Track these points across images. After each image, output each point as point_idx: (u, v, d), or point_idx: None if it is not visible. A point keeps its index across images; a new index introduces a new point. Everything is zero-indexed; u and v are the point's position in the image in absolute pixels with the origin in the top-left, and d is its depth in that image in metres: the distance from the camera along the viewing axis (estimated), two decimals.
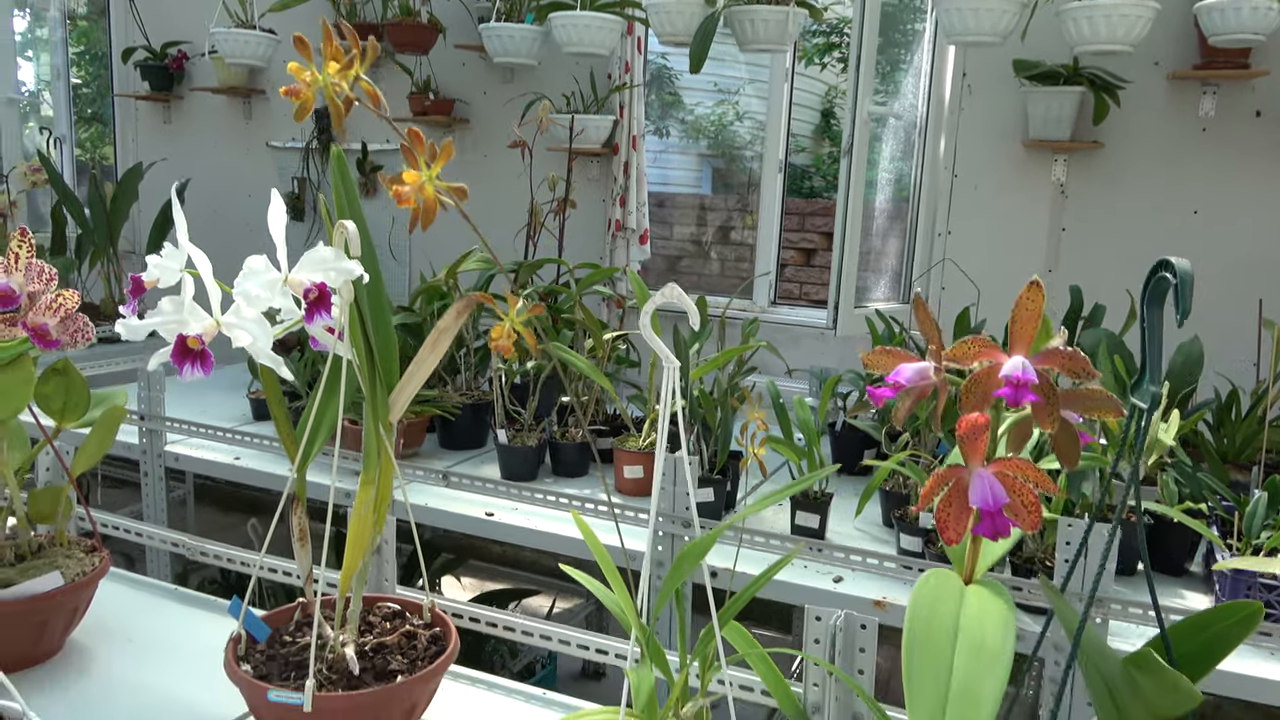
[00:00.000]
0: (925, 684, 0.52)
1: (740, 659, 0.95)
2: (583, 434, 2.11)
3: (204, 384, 2.80)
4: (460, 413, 2.23)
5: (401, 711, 1.02)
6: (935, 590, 0.58)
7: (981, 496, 0.52)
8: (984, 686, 0.52)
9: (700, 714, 0.92)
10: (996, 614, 0.56)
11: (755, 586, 0.92)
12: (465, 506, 1.91)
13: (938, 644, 0.54)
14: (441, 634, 1.12)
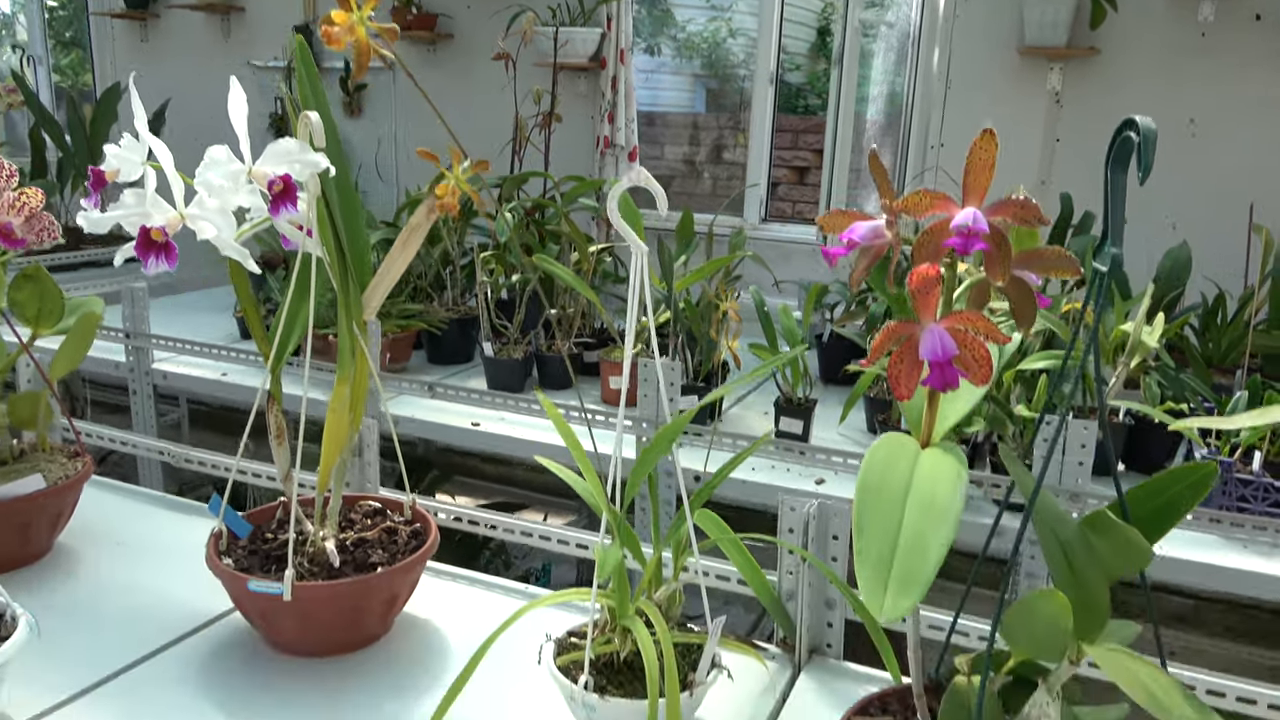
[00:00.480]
0: (874, 537, 0.53)
1: (712, 546, 0.96)
2: (568, 347, 2.11)
3: (190, 305, 2.79)
4: (447, 328, 2.23)
5: (382, 601, 1.04)
6: (890, 451, 0.59)
7: (931, 349, 0.52)
8: (932, 539, 0.52)
9: (673, 597, 0.93)
10: (948, 472, 0.56)
11: (729, 468, 0.93)
12: (451, 417, 1.92)
13: (889, 500, 0.55)
14: (422, 529, 1.13)
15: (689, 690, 0.86)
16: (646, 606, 0.86)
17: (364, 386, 1.10)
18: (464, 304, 2.35)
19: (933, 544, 0.51)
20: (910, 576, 0.50)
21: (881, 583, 0.50)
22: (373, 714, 0.94)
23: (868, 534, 0.53)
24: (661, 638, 0.82)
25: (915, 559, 0.51)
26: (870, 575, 0.50)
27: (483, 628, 0.89)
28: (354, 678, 1.00)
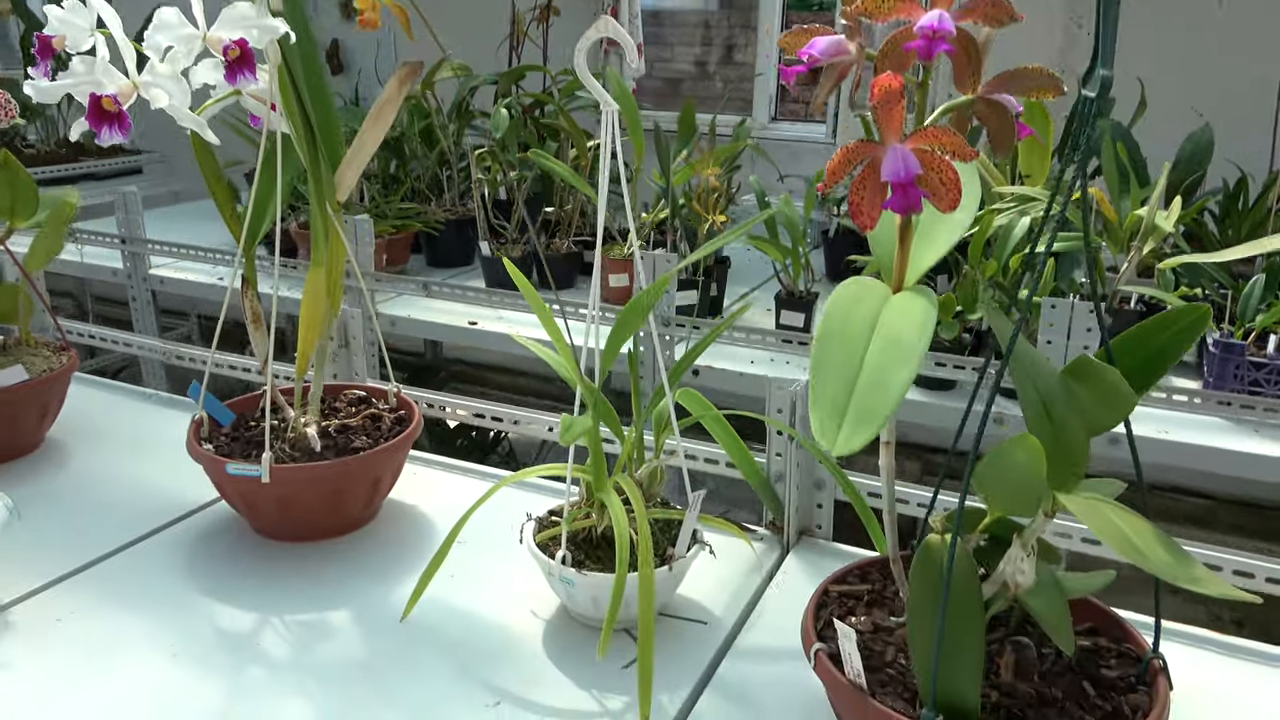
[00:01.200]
0: (831, 376, 0.50)
1: (695, 425, 0.94)
2: (567, 245, 2.08)
3: (188, 214, 2.77)
4: (444, 229, 2.19)
5: (365, 485, 1.03)
6: (857, 292, 0.55)
7: (893, 169, 0.48)
8: (894, 377, 0.49)
9: (654, 475, 0.91)
10: (917, 311, 0.53)
11: (710, 338, 0.90)
12: (448, 317, 1.90)
13: (851, 338, 0.52)
14: (406, 416, 1.12)
15: (668, 565, 0.85)
16: (623, 481, 0.85)
17: (340, 270, 1.08)
18: (462, 206, 2.30)
19: (895, 380, 0.48)
20: (868, 412, 0.47)
21: (837, 418, 0.47)
22: (356, 597, 0.95)
23: (825, 374, 0.50)
24: (638, 512, 0.80)
25: (875, 395, 0.48)
26: (826, 413, 0.47)
27: (475, 513, 0.88)
28: (337, 562, 1.00)
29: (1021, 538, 0.61)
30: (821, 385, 0.49)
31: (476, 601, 0.93)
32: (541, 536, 0.89)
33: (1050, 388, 0.59)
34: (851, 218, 0.49)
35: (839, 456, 0.46)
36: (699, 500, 0.87)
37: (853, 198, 0.50)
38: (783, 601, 0.94)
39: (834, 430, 0.47)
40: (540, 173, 2.18)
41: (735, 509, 2.41)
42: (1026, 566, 0.59)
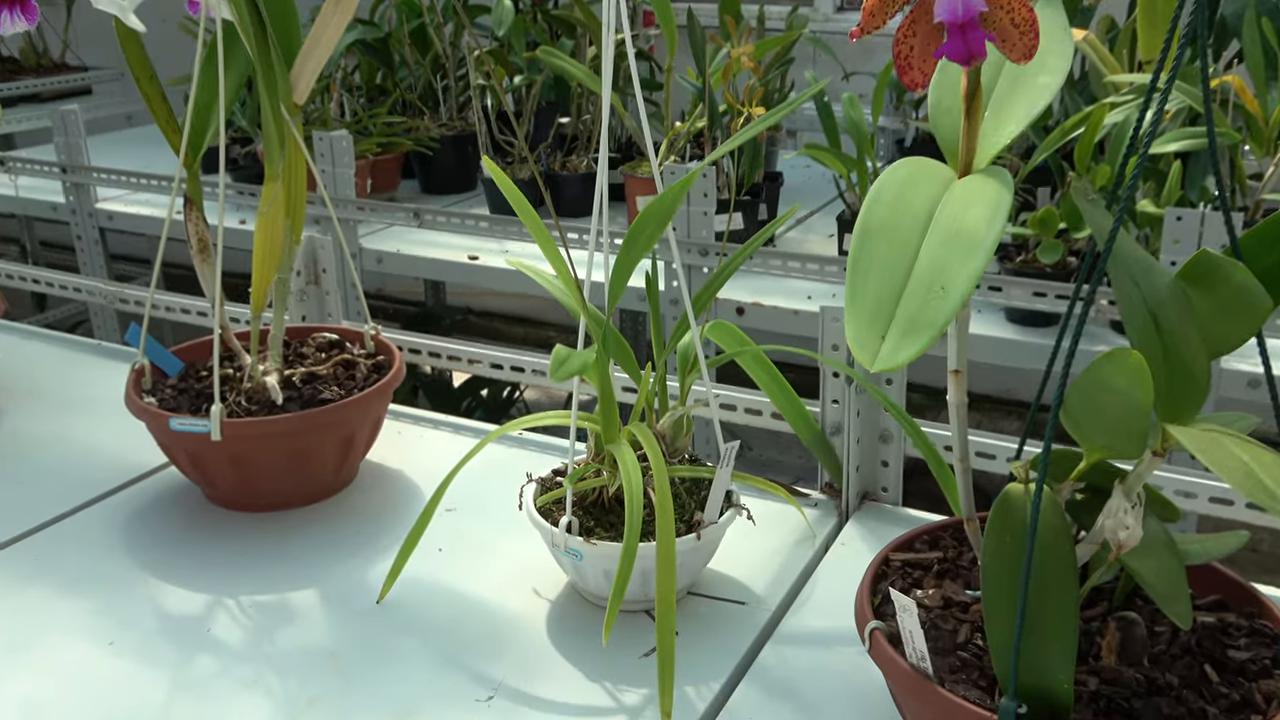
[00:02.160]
0: (875, 275, 0.47)
1: (731, 367, 0.91)
2: (586, 163, 2.05)
3: (143, 139, 2.77)
4: (440, 147, 2.18)
5: (336, 443, 1.02)
6: (910, 174, 0.52)
7: (949, 6, 0.44)
8: (955, 275, 0.46)
9: (679, 425, 0.89)
10: (986, 196, 0.50)
11: (739, 258, 0.87)
12: (444, 251, 1.89)
13: (902, 230, 0.48)
14: (385, 363, 1.11)
15: (694, 532, 0.83)
16: (639, 431, 0.83)
17: (301, 186, 1.06)
18: (461, 120, 2.28)
19: (956, 279, 0.45)
20: (921, 319, 0.44)
21: (879, 326, 0.44)
22: (325, 575, 0.94)
23: (866, 274, 0.47)
24: (655, 467, 0.78)
25: (930, 298, 0.45)
26: (865, 321, 0.45)
27: (464, 476, 0.89)
28: (304, 534, 1.00)
29: (1124, 485, 0.58)
30: (861, 288, 0.46)
31: (468, 579, 0.93)
32: (544, 500, 0.88)
33: (1159, 291, 0.55)
34: (897, 74, 0.45)
35: (879, 372, 0.44)
36: (732, 454, 0.85)
37: (898, 47, 0.46)
38: (839, 577, 0.92)
39: (874, 342, 0.44)
40: (553, 77, 2.14)
41: (786, 474, 2.40)
42: (1131, 520, 0.56)
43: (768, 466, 2.60)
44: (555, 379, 0.72)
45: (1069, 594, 0.57)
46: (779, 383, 1.00)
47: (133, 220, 2.18)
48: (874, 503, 1.04)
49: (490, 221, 1.76)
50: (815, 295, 1.62)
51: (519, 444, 1.16)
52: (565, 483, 0.84)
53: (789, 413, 1.02)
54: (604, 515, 0.86)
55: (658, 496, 0.77)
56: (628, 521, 0.75)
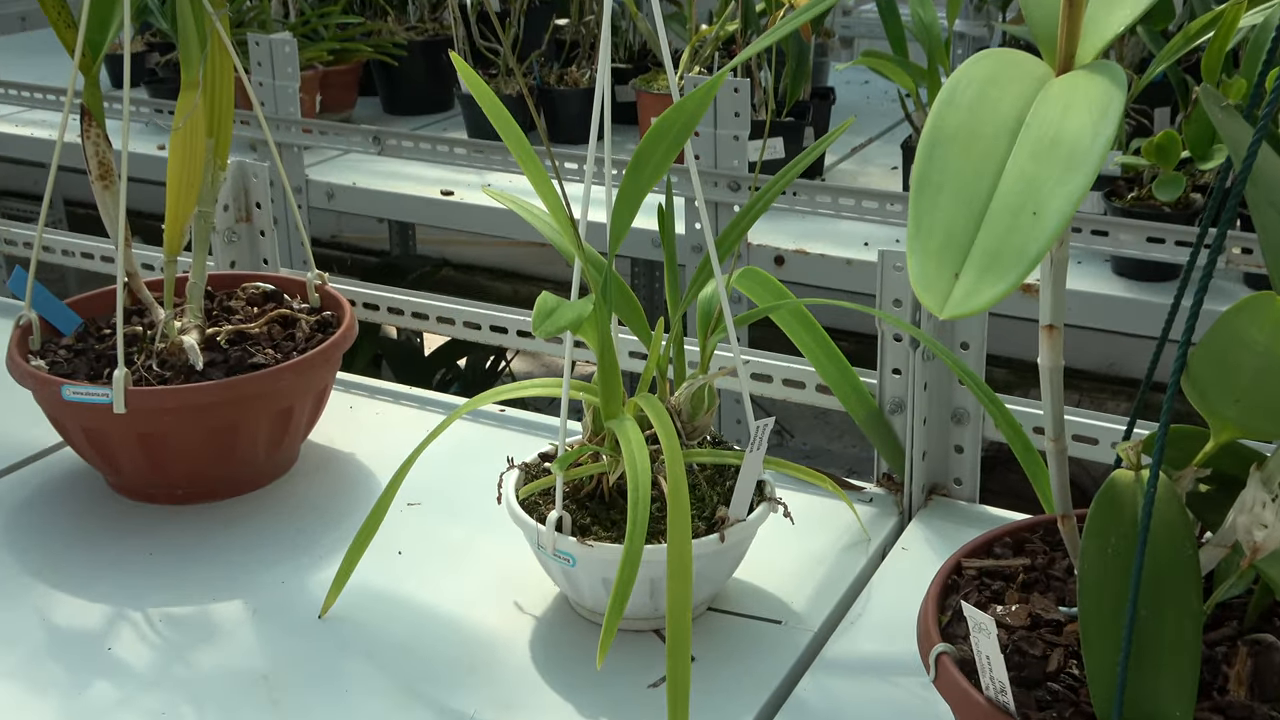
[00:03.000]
0: (946, 195, 0.45)
1: (764, 326, 0.90)
2: (589, 75, 2.03)
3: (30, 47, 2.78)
4: (407, 56, 2.16)
5: (270, 418, 1.02)
6: (993, 71, 0.50)
7: None
8: (1051, 196, 0.44)
9: (699, 399, 0.88)
10: (1092, 97, 0.48)
11: (785, 179, 0.86)
12: (412, 185, 1.89)
13: (982, 139, 0.47)
14: (333, 319, 1.11)
15: (716, 532, 0.82)
16: (647, 404, 0.81)
17: (227, 98, 1.05)
18: (434, 21, 2.26)
19: (1052, 200, 0.44)
20: (1005, 250, 0.43)
21: (952, 259, 0.43)
22: (257, 582, 0.94)
23: (935, 194, 0.45)
24: (667, 450, 0.77)
25: (1019, 225, 0.43)
26: (933, 252, 0.43)
27: (430, 462, 0.89)
28: (230, 532, 1.00)
29: (1262, 471, 0.56)
30: (928, 213, 0.44)
31: (433, 589, 0.93)
32: (529, 491, 0.88)
33: None
34: None
35: (951, 319, 0.42)
36: (765, 434, 0.83)
37: None
38: (899, 590, 0.92)
39: (945, 281, 0.42)
40: None
41: (836, 465, 2.39)
42: (1270, 516, 0.55)
43: (813, 458, 2.59)
44: (540, 334, 0.71)
45: (1189, 610, 0.56)
46: (826, 346, 0.99)
47: (26, 145, 2.18)
48: (944, 498, 1.03)
49: (469, 148, 1.75)
50: (874, 241, 1.60)
51: (498, 422, 1.16)
52: (554, 469, 0.83)
53: (838, 385, 1.01)
54: (603, 510, 0.86)
55: (670, 486, 0.76)
56: (630, 517, 0.74)
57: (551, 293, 0.77)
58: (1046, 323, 0.60)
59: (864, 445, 1.00)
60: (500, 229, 1.83)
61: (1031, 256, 0.43)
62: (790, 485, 1.00)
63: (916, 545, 0.97)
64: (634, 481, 0.75)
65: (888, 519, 1.01)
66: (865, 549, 0.97)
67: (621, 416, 0.82)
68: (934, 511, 1.02)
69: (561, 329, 0.72)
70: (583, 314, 0.73)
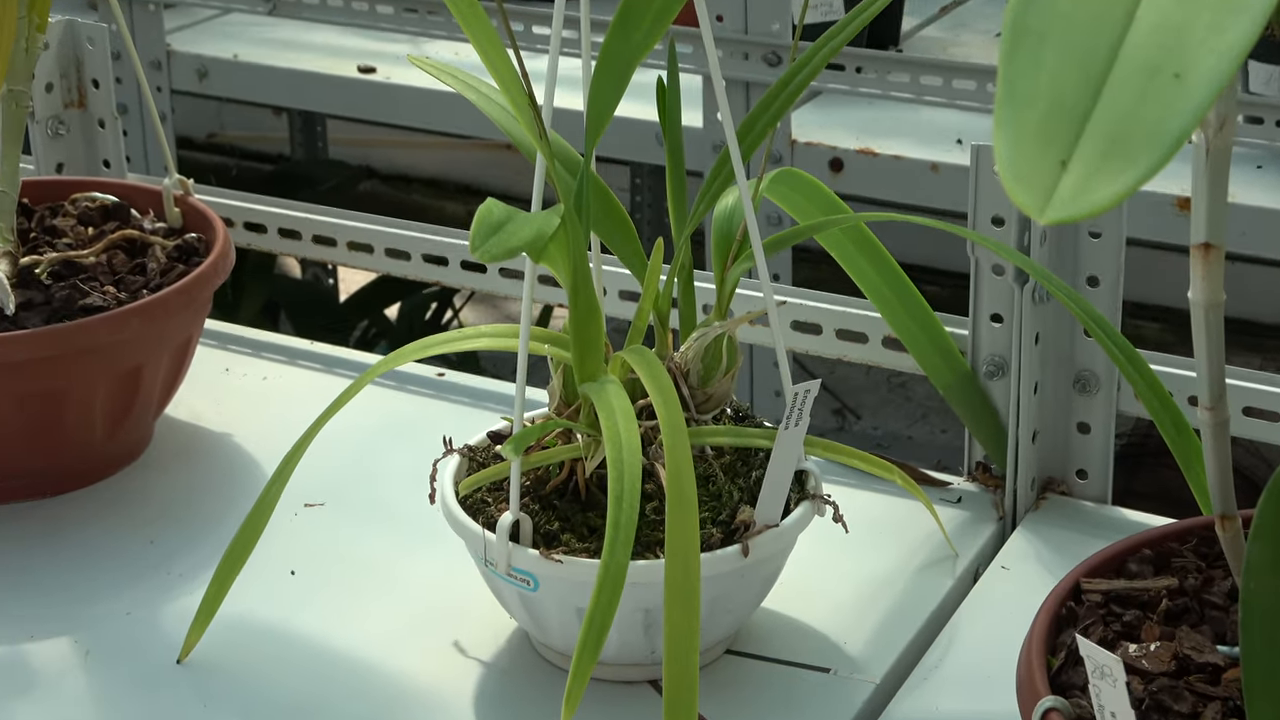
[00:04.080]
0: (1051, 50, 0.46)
1: (805, 249, 0.90)
2: None
3: None
4: None
5: (112, 380, 1.04)
6: None
7: None
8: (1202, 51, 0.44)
9: (714, 355, 0.88)
10: None
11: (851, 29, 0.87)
12: (318, 59, 1.90)
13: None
14: (201, 244, 1.12)
15: (739, 541, 0.82)
16: (641, 362, 0.81)
17: None
18: None
19: (1203, 54, 0.43)
20: (1136, 124, 0.43)
21: (1059, 138, 0.43)
22: (86, 611, 0.95)
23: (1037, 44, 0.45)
24: (667, 426, 0.77)
25: (1157, 89, 0.43)
26: (1033, 125, 0.43)
27: (336, 446, 0.92)
28: (53, 543, 1.01)
29: None
30: (1025, 72, 0.44)
31: (339, 624, 0.94)
32: (473, 484, 0.88)
33: None
34: None
35: (1056, 224, 0.42)
36: (807, 403, 0.83)
37: None
38: (994, 623, 0.92)
39: (1048, 166, 0.42)
40: None
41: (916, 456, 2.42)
42: None
43: (887, 448, 2.60)
44: (483, 255, 0.70)
45: None
46: (896, 284, 0.99)
47: None
48: (1062, 497, 1.04)
49: (397, 5, 1.75)
50: (969, 136, 1.59)
51: (434, 390, 1.17)
52: (507, 452, 0.83)
53: (914, 337, 1.02)
54: (577, 512, 0.86)
55: (670, 477, 0.76)
56: (612, 519, 0.73)
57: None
58: (1200, 240, 0.60)
59: (958, 429, 1.01)
60: (443, 120, 1.83)
61: (1173, 135, 0.42)
62: (846, 479, 1.01)
63: (1022, 562, 0.98)
64: (618, 470, 0.75)
65: (982, 527, 1.02)
66: (950, 568, 0.98)
67: (603, 379, 0.82)
68: (1047, 516, 1.02)
69: (513, 251, 0.71)
70: (544, 230, 0.73)
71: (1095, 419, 1.03)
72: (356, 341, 2.59)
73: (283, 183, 2.87)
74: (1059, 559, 0.97)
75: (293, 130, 2.92)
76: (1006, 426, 1.02)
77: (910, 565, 0.98)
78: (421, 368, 1.18)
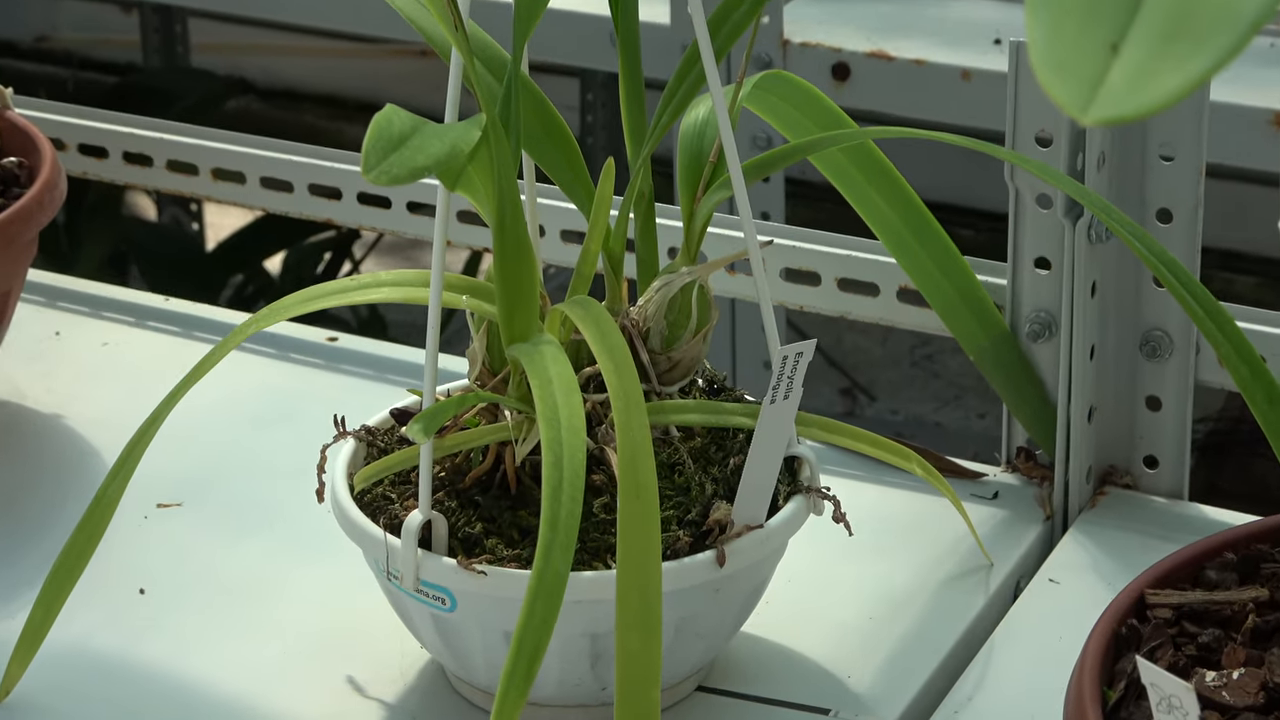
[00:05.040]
0: None
1: (786, 165, 0.91)
2: None
3: None
4: None
5: None
6: None
7: None
8: None
9: (682, 310, 0.89)
10: None
11: None
12: None
13: None
14: (22, 171, 1.13)
15: (713, 547, 0.83)
16: (585, 317, 0.82)
17: None
18: None
19: None
20: (1202, 6, 0.43)
21: (1108, 15, 0.43)
22: None
23: None
24: (618, 398, 0.77)
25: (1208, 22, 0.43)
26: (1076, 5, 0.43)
27: (199, 430, 0.94)
28: None
29: None
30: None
31: (202, 656, 0.94)
32: (373, 476, 0.88)
33: None
34: None
35: (1102, 125, 0.42)
36: (799, 369, 0.84)
37: None
38: (1039, 647, 0.93)
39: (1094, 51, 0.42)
40: None
41: (946, 445, 2.44)
42: None
43: (909, 436, 2.61)
44: (378, 176, 0.70)
45: None
46: (916, 219, 1.00)
47: None
48: (1125, 490, 1.05)
49: None
50: (1010, 33, 1.60)
51: (324, 358, 1.18)
52: (414, 434, 0.83)
53: (938, 289, 1.02)
54: (506, 510, 0.86)
55: (622, 465, 0.76)
56: (546, 518, 0.73)
57: None
58: None
59: (1001, 412, 1.02)
60: (336, 18, 1.84)
61: (1249, 17, 0.43)
62: (850, 468, 1.02)
63: (1074, 574, 0.98)
64: (556, 455, 0.75)
65: (1025, 529, 1.03)
66: (983, 582, 0.98)
67: (538, 340, 0.82)
68: (1106, 515, 1.03)
69: (418, 173, 0.71)
70: (460, 146, 0.73)
71: (1167, 391, 1.03)
72: (229, 301, 2.58)
73: (132, 97, 2.86)
74: (1120, 568, 0.97)
75: (145, 32, 2.91)
76: (1055, 401, 1.02)
77: (932, 578, 0.99)
78: (307, 329, 1.18)
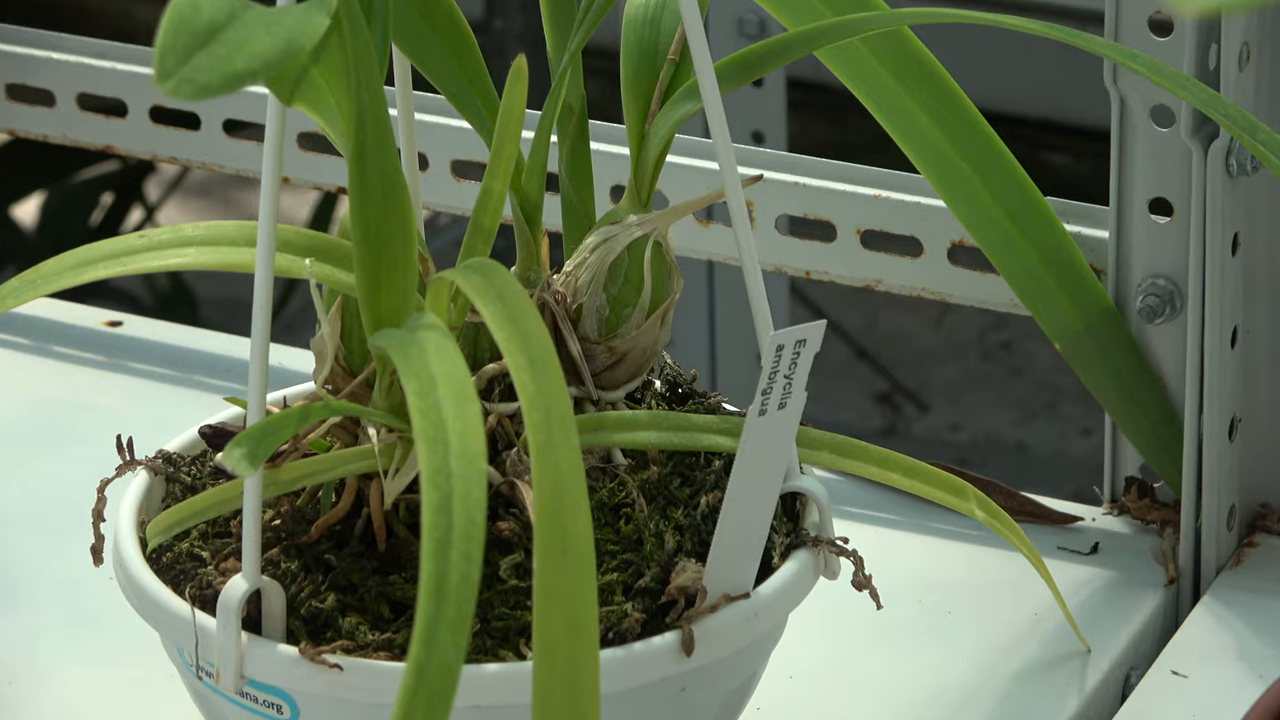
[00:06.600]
0: None
1: (777, 65, 0.93)
2: None
3: None
4: None
5: None
6: None
7: None
8: None
9: (631, 278, 0.90)
10: None
11: None
12: None
13: None
14: None
15: (676, 627, 0.84)
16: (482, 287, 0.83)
17: None
18: None
19: None
20: None
21: None
22: None
23: None
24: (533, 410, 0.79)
25: None
26: None
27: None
28: None
29: None
30: None
31: None
32: (170, 524, 0.89)
33: None
34: None
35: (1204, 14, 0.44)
36: (802, 362, 0.85)
37: None
38: None
39: None
40: None
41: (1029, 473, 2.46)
42: None
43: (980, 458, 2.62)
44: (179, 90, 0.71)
45: None
46: (975, 145, 1.01)
47: None
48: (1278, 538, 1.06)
49: None
50: None
51: (104, 351, 1.19)
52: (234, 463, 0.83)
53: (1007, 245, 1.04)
54: (370, 574, 0.88)
55: (540, 507, 0.77)
56: (428, 586, 0.75)
57: None
58: None
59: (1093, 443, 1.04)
60: None
61: None
62: (883, 511, 1.04)
63: (1208, 664, 1.00)
64: (443, 494, 0.76)
65: (1136, 598, 1.04)
66: (1077, 675, 1.00)
67: (414, 322, 0.83)
68: (1256, 576, 1.05)
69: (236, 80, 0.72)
70: (299, 40, 0.74)
71: None
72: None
73: None
74: (1275, 652, 0.99)
75: None
76: (1180, 411, 1.03)
77: (1002, 673, 1.00)
78: (78, 310, 1.19)
